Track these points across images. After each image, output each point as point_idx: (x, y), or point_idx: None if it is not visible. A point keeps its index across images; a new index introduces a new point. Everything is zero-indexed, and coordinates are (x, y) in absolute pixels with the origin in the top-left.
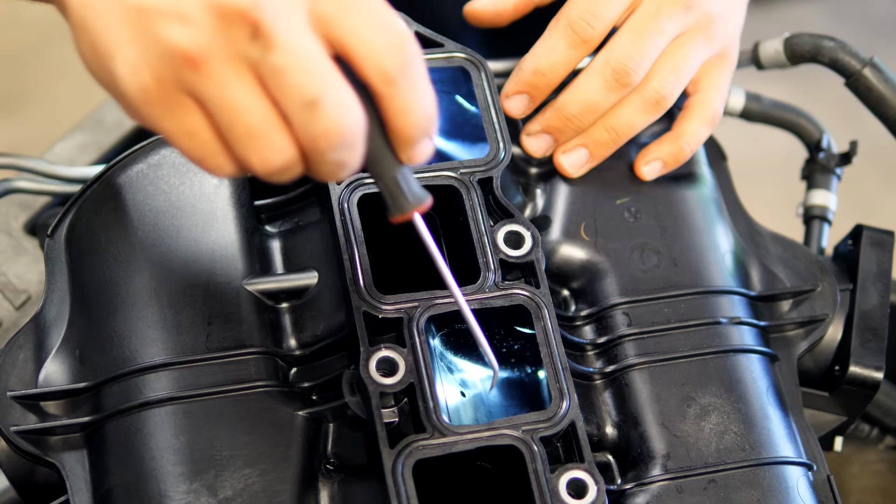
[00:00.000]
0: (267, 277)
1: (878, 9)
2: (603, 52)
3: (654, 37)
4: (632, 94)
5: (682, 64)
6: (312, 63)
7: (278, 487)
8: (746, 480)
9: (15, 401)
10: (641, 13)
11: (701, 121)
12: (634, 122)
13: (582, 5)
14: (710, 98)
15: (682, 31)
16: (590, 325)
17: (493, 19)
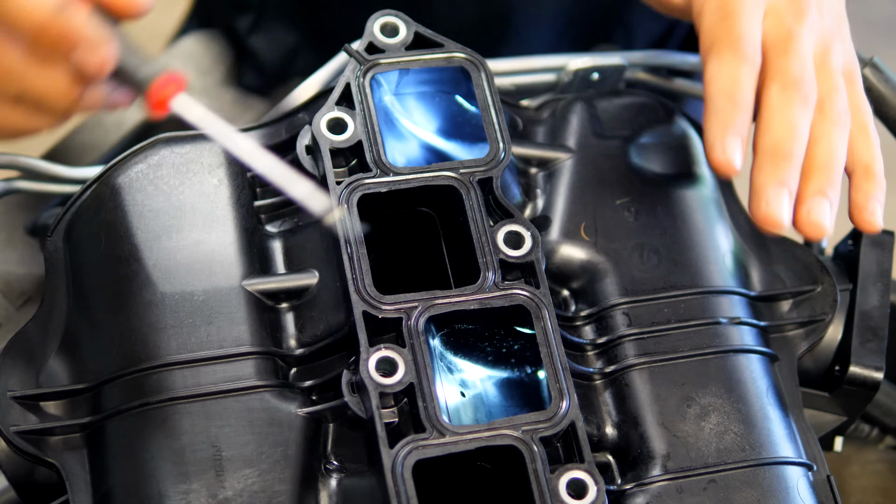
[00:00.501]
0: (267, 277)
1: (878, 9)
2: (774, 82)
3: (803, 55)
4: (817, 122)
5: (835, 82)
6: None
7: (278, 487)
8: (746, 480)
9: (15, 401)
10: (778, 38)
11: (870, 144)
12: (840, 146)
13: (729, 32)
14: (864, 118)
15: (814, 49)
16: (590, 325)
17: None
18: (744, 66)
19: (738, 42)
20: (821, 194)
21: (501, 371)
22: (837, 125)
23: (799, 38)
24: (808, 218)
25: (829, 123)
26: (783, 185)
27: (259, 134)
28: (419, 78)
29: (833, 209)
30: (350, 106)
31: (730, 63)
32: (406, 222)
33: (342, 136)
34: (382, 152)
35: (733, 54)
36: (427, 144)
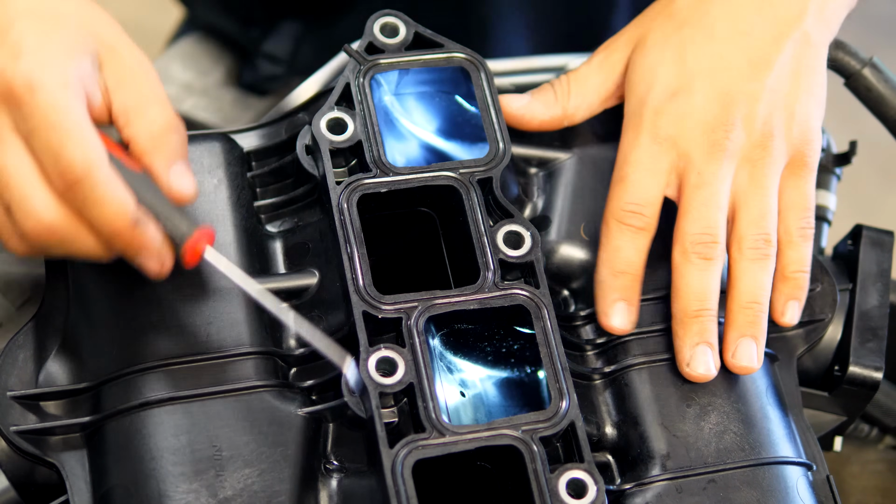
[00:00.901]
0: (267, 278)
1: (878, 9)
2: (676, 246)
3: (708, 203)
4: (735, 260)
5: (761, 208)
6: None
7: (278, 487)
8: (746, 480)
9: (15, 401)
10: (687, 188)
11: (799, 243)
12: (761, 281)
13: (622, 198)
14: (798, 216)
15: (737, 174)
16: (589, 325)
17: (516, 122)
18: (629, 238)
19: (623, 213)
20: (744, 336)
21: (501, 371)
22: (757, 260)
23: (708, 184)
24: (734, 362)
25: (747, 261)
26: (699, 342)
27: (259, 134)
28: (419, 78)
29: (760, 346)
30: (350, 106)
31: (616, 236)
32: (406, 222)
33: (342, 136)
34: (382, 152)
35: (618, 227)
36: (427, 144)
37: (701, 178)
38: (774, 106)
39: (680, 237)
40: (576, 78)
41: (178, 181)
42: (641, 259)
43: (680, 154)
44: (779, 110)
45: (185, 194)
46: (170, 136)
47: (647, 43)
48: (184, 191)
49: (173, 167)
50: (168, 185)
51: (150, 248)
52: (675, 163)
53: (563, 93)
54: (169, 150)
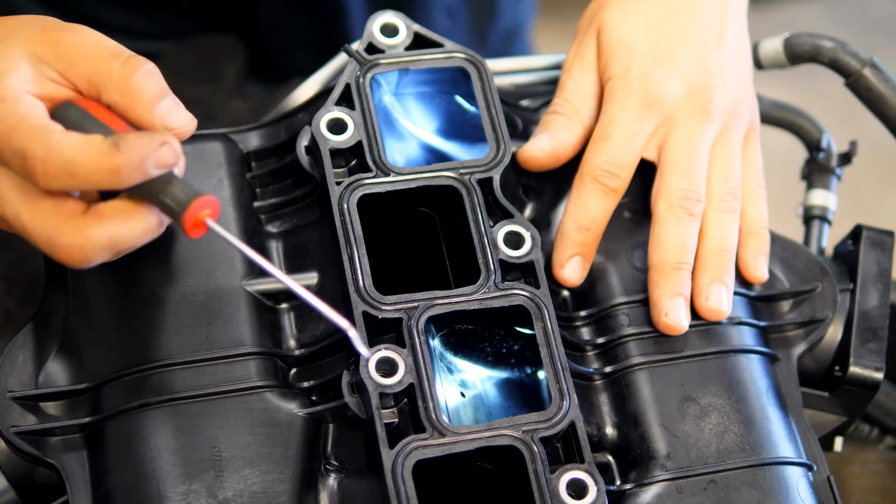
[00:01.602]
0: (266, 278)
1: (878, 9)
2: (661, 199)
3: (695, 161)
4: (707, 211)
5: (730, 166)
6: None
7: (278, 488)
8: (746, 481)
9: (14, 401)
10: (673, 147)
11: (758, 200)
12: (729, 230)
13: (602, 156)
14: (754, 177)
15: (714, 138)
16: (590, 325)
17: (553, 162)
18: (599, 197)
19: (599, 171)
20: (716, 281)
21: (501, 371)
22: (726, 211)
23: (695, 144)
24: (707, 305)
25: (718, 212)
26: (677, 294)
27: (259, 134)
28: (419, 78)
29: (729, 291)
30: (350, 106)
31: (587, 192)
32: (406, 222)
33: (342, 136)
34: (382, 152)
35: (592, 184)
36: (427, 144)
37: (688, 137)
38: (735, 74)
39: (665, 191)
40: (571, 93)
41: (168, 117)
42: (606, 219)
43: (666, 117)
44: (738, 78)
45: (181, 126)
46: (140, 80)
47: (611, 21)
48: (178, 123)
49: (158, 105)
50: (160, 124)
51: (141, 164)
52: (658, 126)
53: (572, 110)
54: (145, 92)
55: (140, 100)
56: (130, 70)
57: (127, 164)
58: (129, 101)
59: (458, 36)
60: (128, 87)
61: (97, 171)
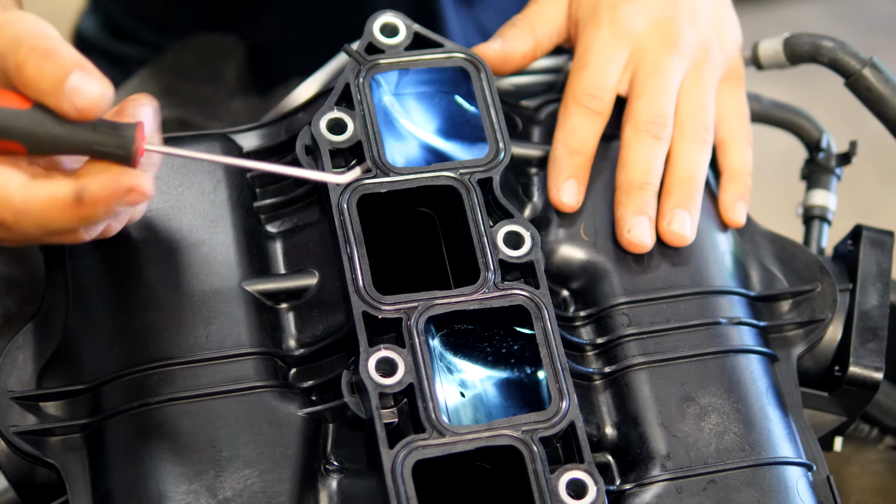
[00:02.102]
0: (266, 278)
1: (878, 9)
2: (628, 124)
3: (663, 90)
4: (676, 141)
5: (702, 101)
6: None
7: (278, 488)
8: (746, 481)
9: (14, 401)
10: (641, 75)
11: (743, 146)
12: (698, 160)
13: (582, 83)
14: (739, 122)
15: (685, 72)
16: (589, 325)
17: (501, 66)
18: (586, 120)
19: (582, 95)
20: (679, 206)
21: (501, 371)
22: (696, 142)
23: (663, 74)
24: (669, 228)
25: (688, 142)
26: (641, 212)
27: (258, 134)
28: (418, 78)
29: (694, 219)
30: (350, 106)
31: (573, 117)
32: (406, 222)
33: (342, 136)
34: (382, 152)
35: (577, 107)
36: (427, 145)
37: (655, 66)
38: (708, 16)
39: (633, 116)
40: (532, 12)
41: (77, 97)
42: (594, 142)
43: (636, 49)
44: (714, 23)
45: (91, 105)
46: (35, 67)
47: None
48: (86, 102)
49: (63, 89)
50: (70, 108)
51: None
52: (630, 57)
53: (528, 25)
54: (44, 79)
55: (42, 88)
56: (23, 59)
57: (92, 215)
58: (35, 94)
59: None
60: (27, 79)
61: (67, 223)
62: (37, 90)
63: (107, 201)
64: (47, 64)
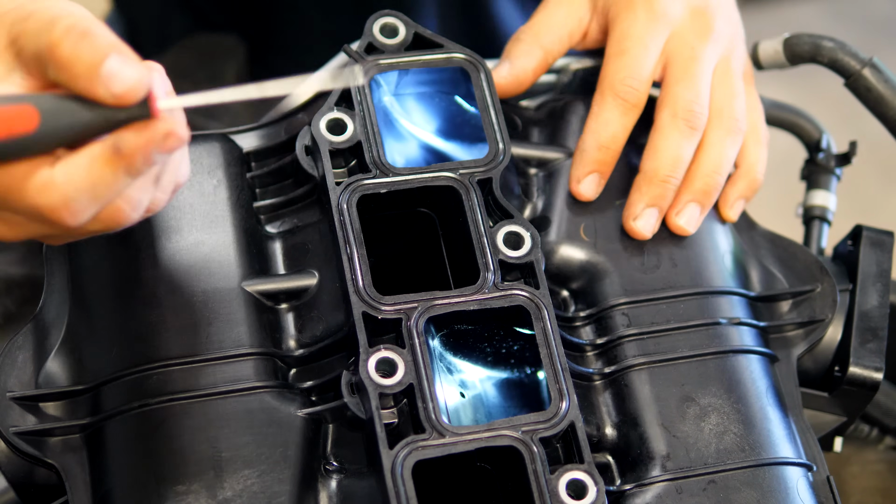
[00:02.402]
0: (266, 278)
1: (878, 9)
2: (665, 109)
3: (701, 77)
4: (710, 130)
5: (735, 90)
6: None
7: (277, 488)
8: (746, 481)
9: (14, 402)
10: (679, 60)
11: (760, 144)
12: (728, 154)
13: (621, 72)
14: (760, 120)
15: (717, 60)
16: (589, 325)
17: (515, 88)
18: (620, 113)
19: (620, 86)
20: (695, 201)
21: (501, 372)
22: (731, 132)
23: (700, 60)
24: (676, 220)
25: (723, 131)
26: (655, 205)
27: (259, 134)
28: (418, 78)
29: (703, 215)
30: (349, 106)
31: (609, 108)
32: (406, 223)
33: (342, 136)
34: (382, 153)
35: (614, 100)
36: (426, 145)
37: (694, 52)
38: (731, 11)
39: (670, 101)
40: (537, 20)
41: (113, 83)
42: (625, 136)
43: (673, 32)
44: (735, 16)
45: (128, 91)
46: (71, 49)
47: None
48: (124, 88)
49: (100, 73)
50: (106, 94)
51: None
52: (666, 42)
53: (532, 36)
54: (79, 62)
55: (76, 71)
56: (58, 38)
57: (133, 166)
58: (66, 76)
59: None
60: (60, 60)
61: (115, 181)
62: (70, 73)
63: (145, 148)
64: (83, 45)
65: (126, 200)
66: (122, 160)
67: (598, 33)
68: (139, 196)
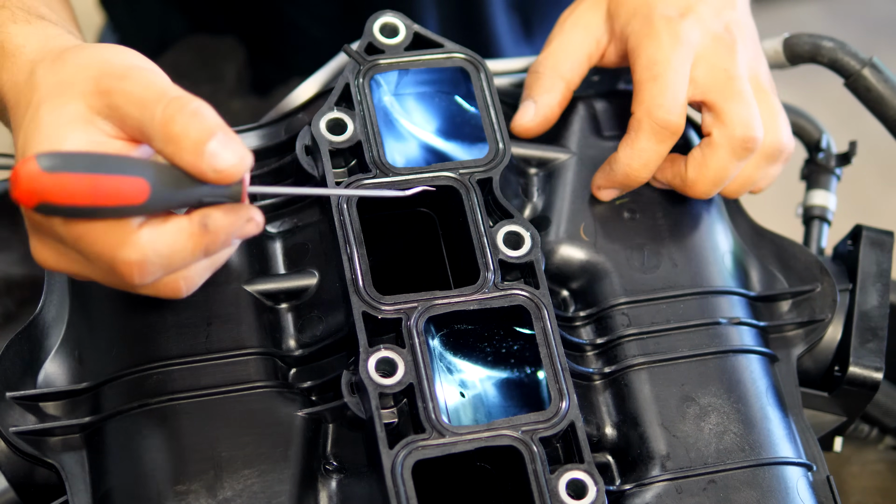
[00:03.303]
0: (266, 278)
1: (878, 9)
2: (721, 131)
3: (748, 94)
4: (754, 160)
5: (774, 105)
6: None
7: (277, 488)
8: (746, 481)
9: (14, 401)
10: (718, 83)
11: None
12: (753, 179)
13: (657, 97)
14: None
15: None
16: (589, 325)
17: (544, 127)
18: (658, 141)
19: (659, 111)
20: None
21: (501, 371)
22: (770, 161)
23: (739, 78)
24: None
25: (763, 159)
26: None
27: (259, 134)
28: (418, 78)
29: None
30: (349, 106)
31: (647, 136)
32: (406, 223)
33: (342, 136)
34: (382, 153)
35: (651, 127)
36: (426, 145)
37: (729, 73)
38: (750, 34)
39: (728, 127)
40: (555, 48)
41: (216, 160)
42: (657, 165)
43: (698, 57)
44: (753, 39)
45: (230, 168)
46: (181, 124)
47: None
48: (226, 165)
49: (205, 150)
50: (209, 169)
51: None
52: (693, 68)
53: (551, 67)
54: (187, 137)
55: (183, 146)
56: (171, 114)
57: (215, 244)
58: (173, 149)
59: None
60: (170, 134)
61: (192, 255)
62: (177, 146)
63: (229, 229)
64: (193, 122)
65: (186, 277)
66: (206, 237)
67: (616, 56)
68: (200, 275)
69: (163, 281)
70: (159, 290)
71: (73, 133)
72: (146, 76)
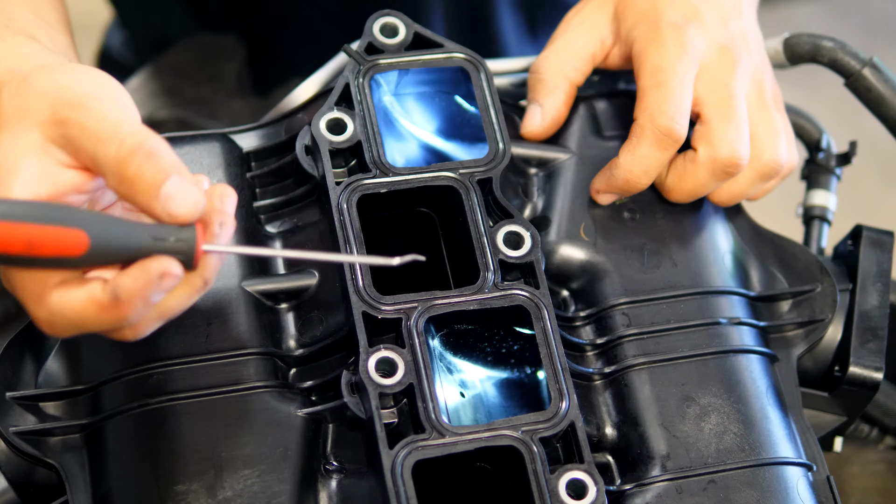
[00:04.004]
0: (266, 278)
1: (878, 9)
2: (707, 149)
3: (741, 116)
4: (745, 174)
5: (775, 123)
6: None
7: (277, 488)
8: (746, 481)
9: (14, 401)
10: (716, 99)
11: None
12: (745, 194)
13: (661, 104)
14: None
15: (748, 90)
16: (589, 325)
17: (552, 130)
18: (660, 149)
19: (663, 118)
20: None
21: (501, 371)
22: (763, 177)
23: (737, 97)
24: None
25: (756, 175)
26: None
27: (258, 134)
28: (418, 78)
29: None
30: (349, 106)
31: (649, 144)
32: (406, 223)
33: (342, 136)
34: (382, 152)
35: (654, 134)
36: (426, 145)
37: (729, 90)
38: (756, 43)
39: (715, 145)
40: (559, 46)
41: (172, 203)
42: (658, 172)
43: (702, 67)
44: (759, 48)
45: (185, 213)
46: (136, 166)
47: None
48: (182, 210)
49: (160, 193)
50: (163, 212)
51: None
52: (696, 78)
53: (555, 68)
54: (142, 180)
55: (138, 188)
56: (125, 155)
57: (131, 312)
58: (127, 189)
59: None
60: (124, 175)
61: (104, 324)
62: (132, 188)
63: (142, 292)
64: (148, 164)
65: (133, 327)
66: (118, 307)
67: (619, 58)
68: (147, 325)
69: (104, 329)
70: (110, 335)
71: (27, 163)
72: (101, 108)
